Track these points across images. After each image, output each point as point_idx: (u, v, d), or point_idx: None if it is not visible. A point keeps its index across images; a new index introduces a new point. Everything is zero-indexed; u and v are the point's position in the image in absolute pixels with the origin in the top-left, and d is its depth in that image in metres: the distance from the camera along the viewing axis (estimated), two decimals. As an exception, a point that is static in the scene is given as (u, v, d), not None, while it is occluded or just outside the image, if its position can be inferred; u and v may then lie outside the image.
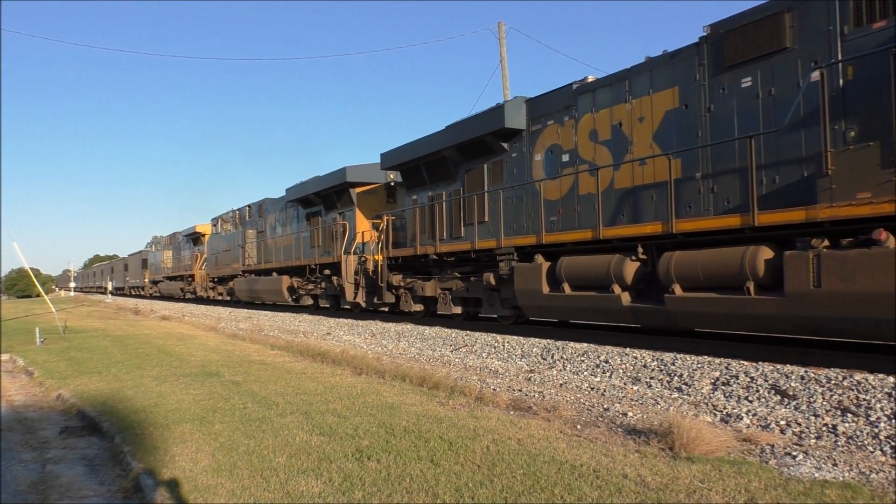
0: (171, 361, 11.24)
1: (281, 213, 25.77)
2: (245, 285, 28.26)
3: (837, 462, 4.86)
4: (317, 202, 22.28)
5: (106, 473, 5.35)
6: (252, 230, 28.27)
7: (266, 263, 26.23)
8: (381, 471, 4.71)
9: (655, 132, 10.17)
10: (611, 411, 6.71)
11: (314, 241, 22.22)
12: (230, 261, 30.88)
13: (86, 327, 20.97)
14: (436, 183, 16.02)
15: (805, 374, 7.14)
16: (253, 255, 27.82)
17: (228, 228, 31.71)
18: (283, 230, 25.23)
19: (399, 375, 8.76)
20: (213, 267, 34.04)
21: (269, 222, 26.92)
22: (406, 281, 16.88)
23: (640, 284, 10.28)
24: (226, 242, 31.84)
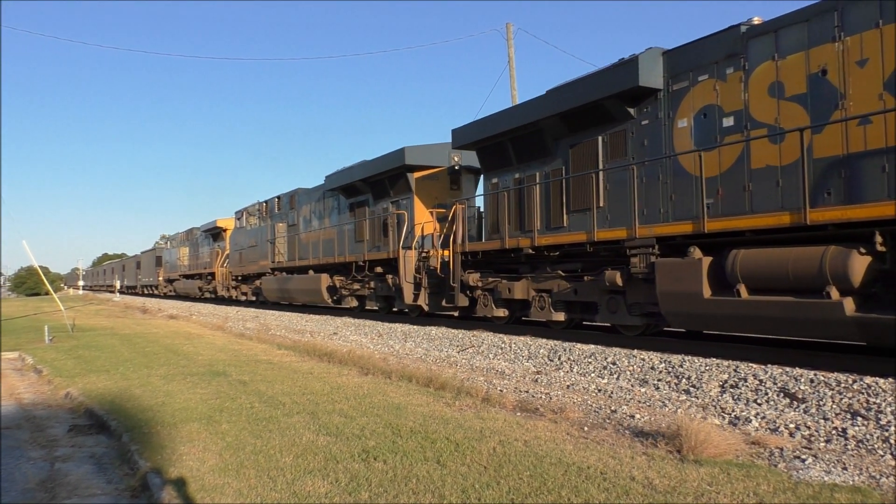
0: (178, 360, 11.27)
1: (317, 204, 22.85)
2: (274, 284, 25.56)
3: (847, 466, 4.83)
4: (364, 190, 19.49)
5: (114, 472, 5.36)
6: (282, 223, 25.49)
7: (301, 260, 23.36)
8: (387, 471, 4.70)
9: (889, 78, 7.51)
10: (618, 413, 6.69)
11: (360, 235, 19.48)
12: (256, 257, 27.90)
13: (94, 326, 21.07)
14: (526, 162, 13.19)
15: (814, 377, 7.09)
16: (283, 250, 25.14)
17: (254, 222, 28.70)
18: (321, 223, 22.41)
19: (406, 376, 8.75)
20: (237, 264, 30.80)
21: (302, 214, 24.06)
22: (486, 281, 14.08)
23: (872, 287, 7.62)
24: (251, 237, 28.70)
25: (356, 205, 20.11)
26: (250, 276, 29.42)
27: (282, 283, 24.79)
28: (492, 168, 14.26)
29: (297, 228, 24.14)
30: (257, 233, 27.95)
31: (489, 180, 14.35)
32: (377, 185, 18.68)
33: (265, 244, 26.69)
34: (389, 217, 17.90)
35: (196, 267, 40.31)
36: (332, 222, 21.55)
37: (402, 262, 16.27)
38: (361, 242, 19.29)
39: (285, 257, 24.88)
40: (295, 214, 24.57)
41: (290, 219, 25.03)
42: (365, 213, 19.46)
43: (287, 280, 24.32)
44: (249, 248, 28.92)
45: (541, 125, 12.44)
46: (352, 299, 20.81)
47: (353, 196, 20.18)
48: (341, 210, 21.05)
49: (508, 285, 13.29)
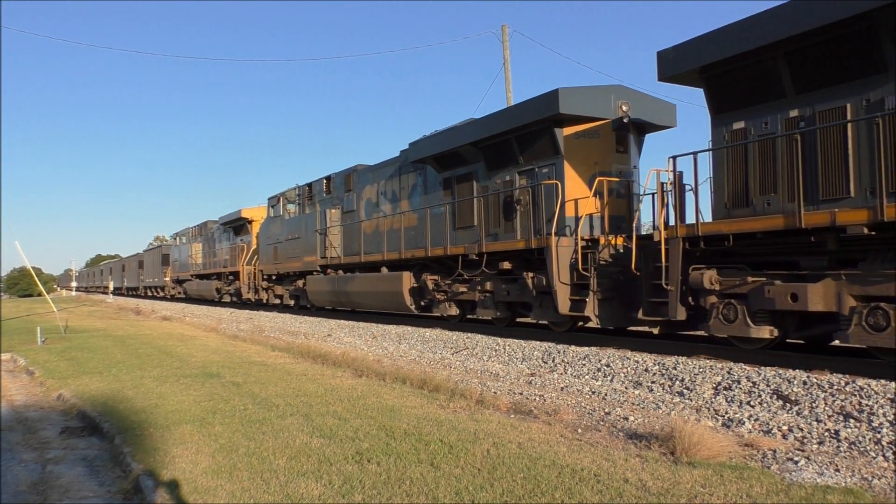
0: (171, 362, 11.24)
1: (388, 183, 17.80)
2: (326, 286, 20.37)
3: (840, 467, 4.85)
4: (470, 158, 14.39)
5: (106, 474, 5.34)
6: (335, 209, 20.48)
7: (369, 255, 18.13)
8: (381, 473, 4.69)
9: None
10: (612, 415, 6.69)
11: (464, 219, 14.50)
12: (298, 252, 22.42)
13: (87, 327, 21.00)
14: (821, 87, 8.35)
15: (807, 380, 7.12)
16: (338, 243, 20.05)
17: (293, 211, 23.71)
18: (395, 206, 17.37)
19: (400, 378, 8.75)
20: (270, 261, 25.11)
21: (364, 197, 18.95)
22: (738, 281, 8.93)
23: None
24: (290, 228, 23.30)
25: (457, 179, 14.90)
26: (289, 275, 23.93)
27: (338, 283, 19.49)
28: (739, 106, 9.27)
29: (357, 215, 19.03)
30: (299, 222, 22.69)
31: (726, 126, 9.42)
32: (496, 151, 13.56)
33: (311, 236, 21.38)
34: (520, 193, 12.86)
35: (213, 265, 34.74)
36: (413, 205, 16.48)
37: (555, 254, 11.49)
38: (467, 230, 14.32)
39: (340, 251, 19.85)
40: (353, 198, 19.45)
41: (345, 203, 19.88)
42: (471, 190, 14.35)
43: (346, 280, 19.02)
44: (288, 242, 23.42)
45: (863, 26, 7.70)
46: (450, 305, 15.42)
47: (450, 168, 15.08)
48: (429, 188, 15.97)
49: (792, 289, 8.21)
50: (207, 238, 36.46)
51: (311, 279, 21.50)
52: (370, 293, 17.88)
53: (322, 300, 21.28)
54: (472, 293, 14.29)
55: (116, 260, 77.38)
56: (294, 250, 22.93)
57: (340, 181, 20.42)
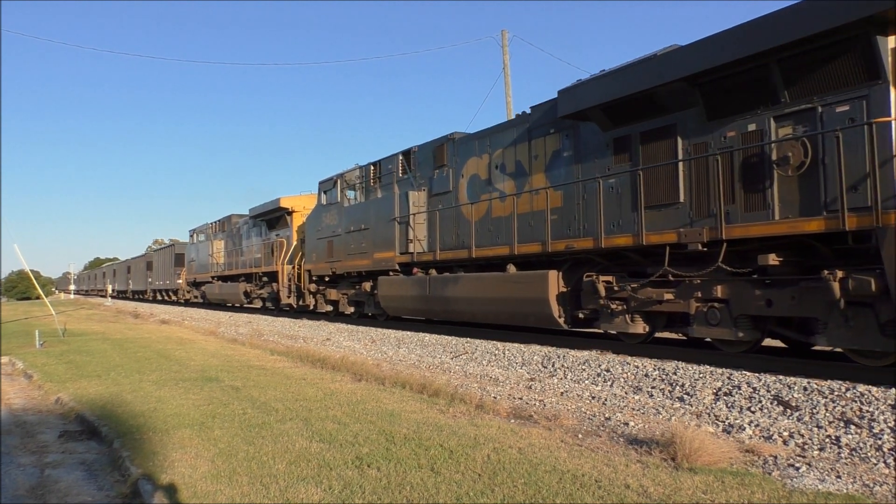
0: (170, 366, 11.21)
1: (507, 152, 13.24)
2: (411, 289, 15.67)
3: (841, 474, 4.83)
4: (671, 104, 9.81)
5: (104, 478, 5.32)
6: (420, 192, 15.94)
7: (480, 249, 13.73)
8: (381, 479, 4.68)
9: None
10: (612, 421, 6.68)
11: (657, 193, 9.99)
12: (365, 247, 17.94)
13: (85, 330, 20.95)
14: None
15: (808, 385, 7.10)
16: (424, 234, 15.74)
17: (352, 198, 19.61)
18: (522, 181, 12.83)
19: (399, 382, 8.73)
20: (321, 258, 20.53)
21: (466, 174, 14.49)
22: None
23: None
24: (351, 218, 18.84)
25: (642, 137, 10.29)
26: (349, 276, 19.49)
27: (431, 287, 14.98)
28: None
29: (455, 196, 14.83)
30: (365, 210, 18.29)
31: None
32: (730, 87, 8.98)
33: (385, 226, 16.92)
34: (787, 147, 8.33)
35: (239, 265, 30.07)
36: (554, 178, 12.04)
37: None
38: (663, 209, 9.86)
39: (430, 245, 15.56)
40: (447, 175, 15.15)
41: (436, 183, 15.56)
42: (671, 150, 9.82)
43: (444, 283, 14.55)
44: (349, 235, 18.88)
45: None
46: (632, 319, 10.59)
47: (629, 122, 10.43)
48: (584, 153, 11.42)
49: None
50: (232, 234, 32.03)
51: (386, 281, 16.81)
52: (488, 300, 13.17)
53: (402, 308, 16.62)
54: (681, 302, 9.70)
55: (121, 261, 72.31)
56: (358, 245, 18.33)
57: (427, 156, 15.96)
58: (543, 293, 11.69)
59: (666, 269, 9.67)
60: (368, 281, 18.14)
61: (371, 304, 18.57)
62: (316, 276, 21.27)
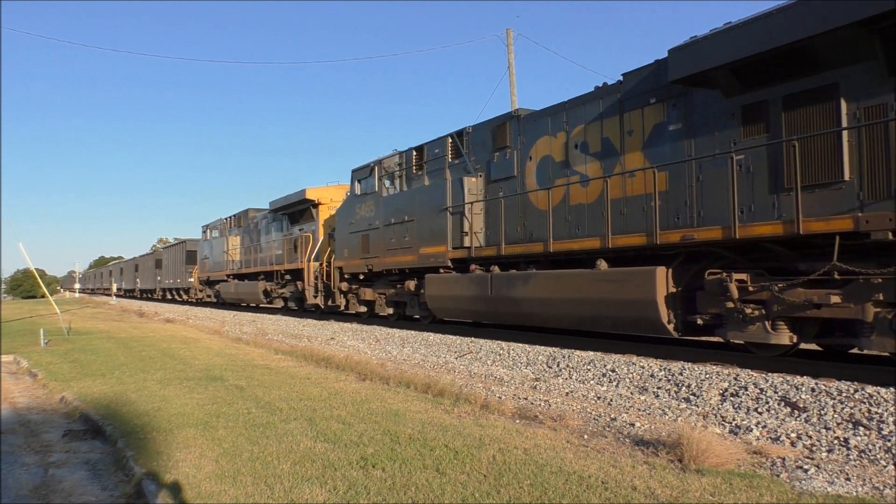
0: (174, 365, 11.21)
1: (590, 129, 11.33)
2: (468, 289, 13.64)
3: (850, 476, 4.78)
4: (831, 58, 7.89)
5: (108, 478, 5.30)
6: (475, 177, 13.98)
7: (560, 241, 11.69)
8: (386, 479, 4.65)
9: None
10: (618, 421, 6.63)
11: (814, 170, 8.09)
12: (409, 241, 15.79)
13: (90, 329, 20.99)
14: None
15: (816, 386, 7.05)
16: (480, 225, 13.88)
17: (394, 187, 17.28)
18: (610, 162, 10.94)
19: (403, 382, 8.70)
20: (355, 254, 18.43)
21: (536, 155, 12.56)
22: None
23: None
24: (392, 209, 16.75)
25: (785, 102, 8.48)
26: (390, 273, 17.35)
27: (495, 286, 12.81)
28: None
29: (521, 181, 12.87)
30: (410, 200, 16.03)
31: None
32: None
33: (435, 217, 14.78)
34: None
35: (258, 262, 28.04)
36: (654, 156, 10.10)
37: None
38: (820, 190, 8.02)
39: (488, 238, 13.70)
40: (511, 158, 13.12)
41: (496, 167, 13.55)
42: (831, 115, 8.04)
43: (511, 282, 12.43)
44: (389, 228, 16.82)
45: None
46: (774, 326, 8.64)
47: (767, 84, 8.61)
48: (696, 125, 9.52)
49: None
50: (249, 229, 29.97)
51: (436, 279, 14.75)
52: (571, 302, 11.10)
53: (455, 310, 14.61)
54: (851, 307, 7.76)
55: (128, 259, 69.74)
56: (400, 239, 16.22)
57: (484, 137, 13.98)
58: (649, 294, 9.59)
59: (835, 264, 7.64)
60: (412, 279, 16.08)
61: (415, 305, 16.47)
62: (348, 274, 19.22)
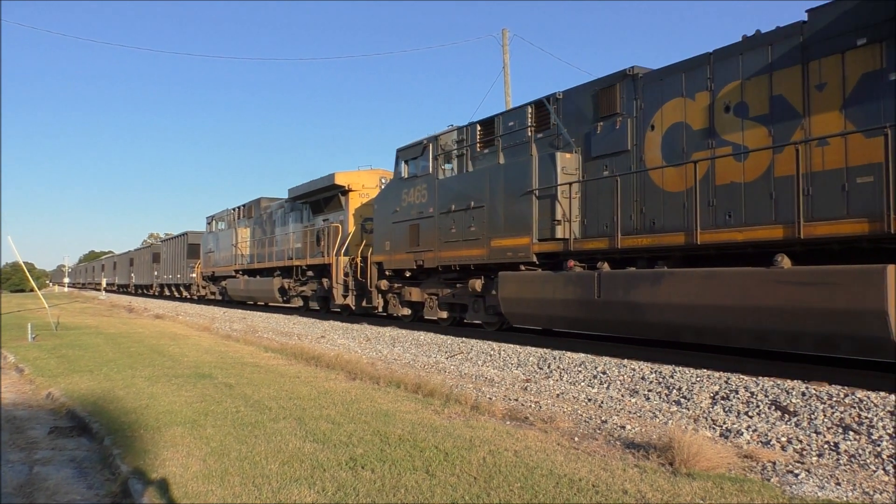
0: (163, 361, 11.12)
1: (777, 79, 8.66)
2: (562, 290, 11.16)
3: (840, 481, 4.78)
4: None
5: (94, 476, 5.24)
6: (570, 153, 11.62)
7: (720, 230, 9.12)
8: (375, 481, 4.61)
9: None
10: (608, 423, 6.62)
11: None
12: (476, 231, 13.35)
13: (79, 324, 20.84)
14: None
15: (806, 390, 7.06)
16: (578, 211, 11.52)
17: (452, 169, 14.81)
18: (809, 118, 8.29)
19: (394, 381, 8.66)
20: (400, 247, 15.86)
21: (662, 122, 10.18)
22: None
23: None
24: (450, 194, 14.24)
25: None
26: (450, 270, 14.52)
27: (606, 287, 10.27)
28: None
29: (633, 158, 10.59)
30: (475, 183, 13.47)
31: None
32: None
33: (513, 202, 12.30)
34: None
35: (273, 256, 25.31)
36: (878, 113, 7.62)
37: None
38: None
39: (577, 229, 11.41)
40: (621, 129, 10.76)
41: (597, 142, 11.20)
42: None
43: (622, 282, 10.10)
44: (447, 216, 14.25)
45: None
46: None
47: None
48: None
49: None
50: (261, 220, 27.29)
51: (514, 279, 12.20)
52: (734, 311, 8.48)
53: (541, 316, 11.98)
54: None
55: (122, 253, 65.90)
56: (464, 229, 13.67)
57: (581, 104, 11.51)
58: (873, 302, 7.08)
59: None
60: (478, 277, 13.51)
61: (479, 308, 13.89)
62: (390, 271, 16.60)
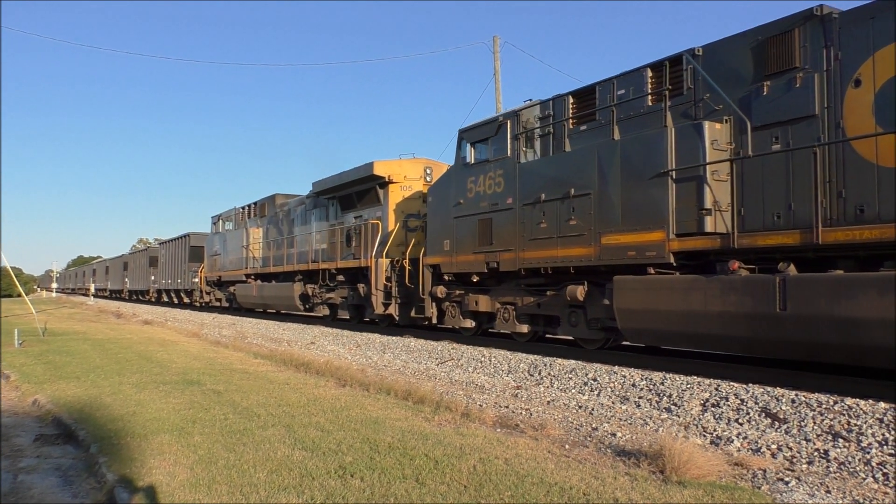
0: (151, 368, 11.03)
1: None
2: None
3: (830, 489, 4.78)
4: None
5: (80, 485, 5.18)
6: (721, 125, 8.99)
7: None
8: (364, 489, 4.57)
9: None
10: (599, 431, 6.60)
11: None
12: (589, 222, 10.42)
13: (66, 330, 20.66)
14: None
15: (796, 398, 7.07)
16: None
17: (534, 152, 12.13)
18: None
19: (384, 388, 8.62)
20: (465, 247, 13.30)
21: None
22: None
23: None
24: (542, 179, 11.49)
25: None
26: (523, 274, 12.17)
27: (780, 296, 7.87)
28: None
29: (817, 126, 8.12)
30: (575, 164, 10.83)
31: None
32: None
33: (637, 187, 9.74)
34: None
35: (292, 259, 22.44)
36: None
37: None
38: None
39: (728, 220, 8.87)
40: (801, 88, 8.28)
41: (760, 107, 8.67)
42: None
43: (828, 291, 7.53)
44: (533, 208, 11.61)
45: None
46: None
47: None
48: None
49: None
50: (276, 219, 24.72)
51: (638, 285, 9.59)
52: None
53: (682, 334, 9.26)
54: None
55: (115, 257, 63.05)
56: (560, 222, 10.92)
57: (735, 58, 9.05)
58: None
59: None
60: (579, 283, 10.79)
61: (580, 321, 11.10)
62: (449, 275, 14.04)
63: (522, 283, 12.47)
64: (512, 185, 12.18)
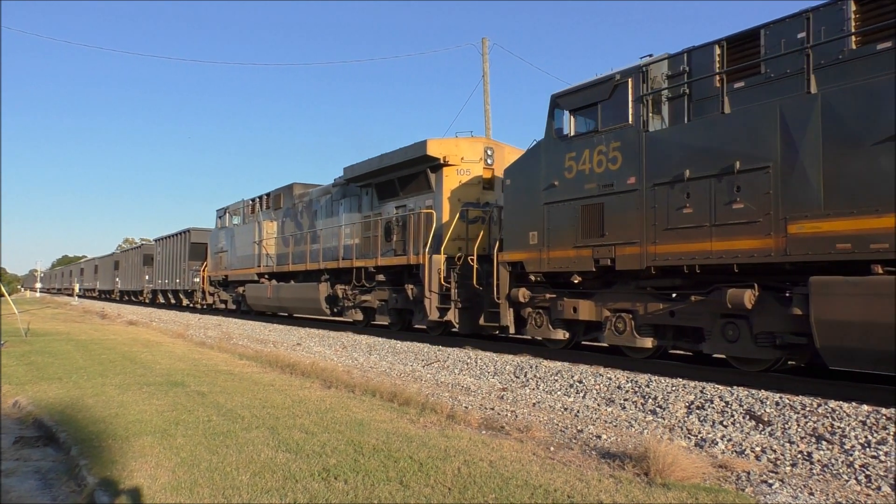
0: (135, 369, 10.93)
1: None
2: None
3: (814, 491, 4.80)
4: None
5: (60, 488, 5.11)
6: None
7: None
8: (348, 491, 4.54)
9: None
10: (584, 433, 6.60)
11: None
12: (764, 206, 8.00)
13: (49, 330, 20.45)
14: None
15: (780, 400, 7.10)
16: None
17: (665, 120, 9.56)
18: None
19: (369, 390, 8.58)
20: (566, 239, 10.70)
21: None
22: None
23: None
24: (683, 152, 8.98)
25: None
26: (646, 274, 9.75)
27: None
28: None
29: None
30: (740, 129, 8.37)
31: None
32: None
33: (863, 154, 7.17)
34: None
35: (315, 256, 19.85)
36: None
37: None
38: None
39: None
40: None
41: None
42: None
43: None
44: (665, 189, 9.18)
45: None
46: None
47: None
48: None
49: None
50: (294, 212, 21.91)
51: (858, 288, 7.12)
52: None
53: None
54: None
55: (105, 256, 59.38)
56: (711, 207, 8.63)
57: None
58: None
59: None
60: (745, 287, 8.40)
61: (743, 334, 8.65)
62: (538, 275, 11.68)
63: (649, 286, 9.96)
64: (635, 161, 9.67)
